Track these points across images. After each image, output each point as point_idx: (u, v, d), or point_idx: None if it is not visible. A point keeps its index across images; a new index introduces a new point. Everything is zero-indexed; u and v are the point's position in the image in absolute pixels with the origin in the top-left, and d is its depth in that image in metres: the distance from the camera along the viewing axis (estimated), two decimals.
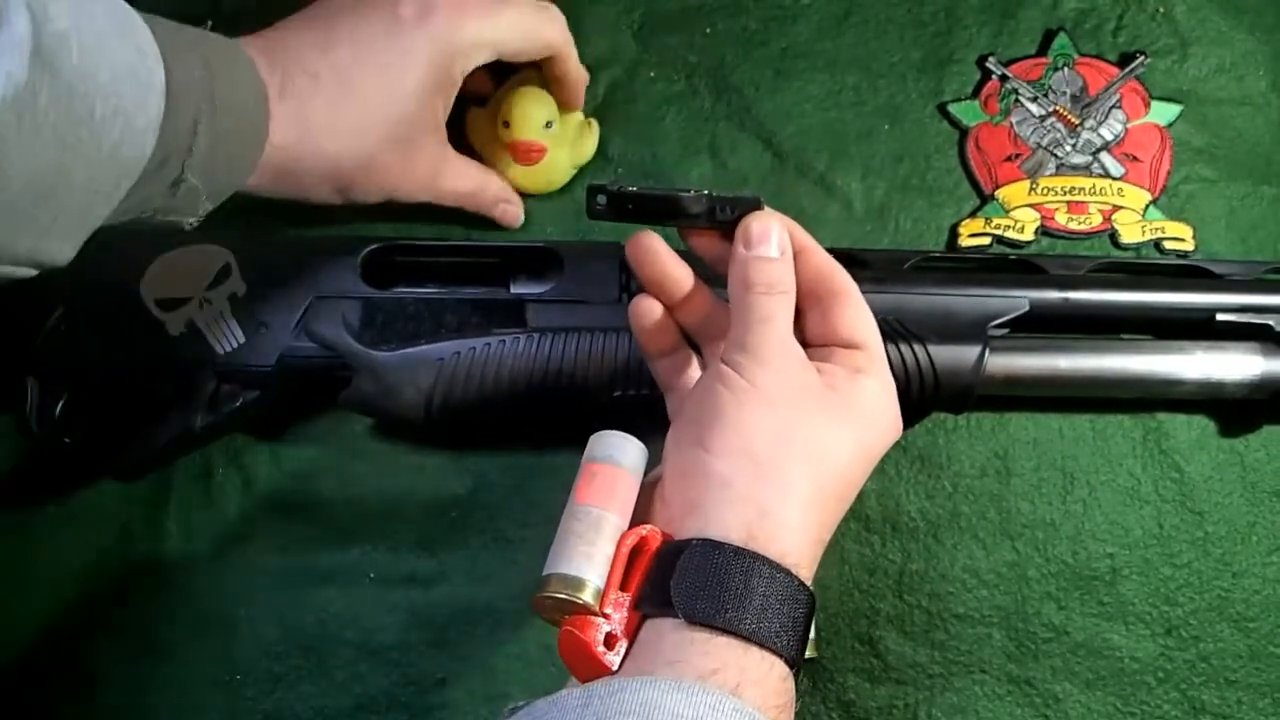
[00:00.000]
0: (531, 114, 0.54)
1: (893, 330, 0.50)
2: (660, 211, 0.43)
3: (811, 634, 0.51)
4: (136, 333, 0.48)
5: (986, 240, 0.59)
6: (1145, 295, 0.54)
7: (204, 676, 0.52)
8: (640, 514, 0.40)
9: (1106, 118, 0.61)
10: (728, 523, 0.37)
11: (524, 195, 0.58)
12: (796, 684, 0.52)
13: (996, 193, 0.60)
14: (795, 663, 0.37)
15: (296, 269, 0.50)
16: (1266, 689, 0.54)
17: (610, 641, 0.37)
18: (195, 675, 0.52)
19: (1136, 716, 0.53)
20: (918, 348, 0.50)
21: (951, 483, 0.56)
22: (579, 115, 0.57)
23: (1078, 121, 0.61)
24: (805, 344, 0.42)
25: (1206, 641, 0.54)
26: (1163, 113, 0.62)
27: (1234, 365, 0.53)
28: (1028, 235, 0.59)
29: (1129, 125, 0.61)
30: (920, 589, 0.54)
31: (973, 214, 0.60)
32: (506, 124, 0.55)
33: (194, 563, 0.53)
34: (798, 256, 0.43)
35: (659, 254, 0.44)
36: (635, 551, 0.38)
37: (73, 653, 0.52)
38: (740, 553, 0.36)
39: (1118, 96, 0.62)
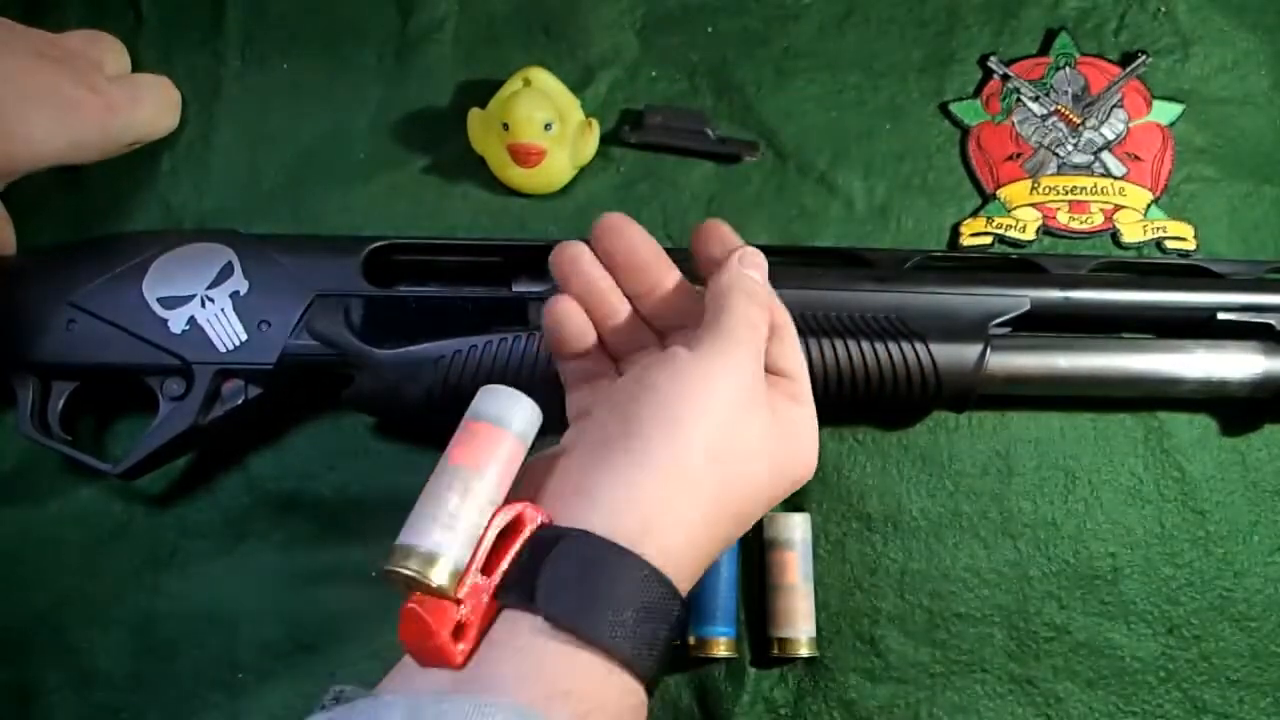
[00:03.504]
0: (531, 116, 0.54)
1: (894, 329, 0.50)
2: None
3: (812, 633, 0.51)
4: (139, 330, 0.48)
5: (988, 239, 0.59)
6: (1147, 294, 0.54)
7: (205, 676, 0.52)
8: (526, 486, 0.37)
9: (1108, 117, 0.61)
10: (620, 517, 0.34)
11: (526, 196, 0.58)
12: (793, 683, 0.52)
13: (998, 192, 0.60)
14: (652, 688, 0.34)
15: (298, 267, 0.50)
16: (1268, 688, 0.54)
17: (461, 631, 0.33)
18: (196, 674, 0.52)
19: (1138, 716, 0.53)
20: (919, 346, 0.50)
21: (953, 482, 0.56)
22: (579, 116, 0.57)
23: (1079, 121, 0.61)
24: None
25: (1208, 641, 0.54)
26: (1164, 112, 0.62)
27: (1235, 364, 0.53)
28: (1029, 234, 0.59)
29: (1130, 124, 0.61)
30: (922, 588, 0.54)
31: (974, 213, 0.60)
32: (506, 126, 0.54)
33: (194, 562, 0.53)
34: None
35: (633, 233, 0.42)
36: (507, 530, 0.34)
37: (73, 652, 0.52)
38: (624, 554, 0.33)
39: (1119, 96, 0.62)
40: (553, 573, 0.32)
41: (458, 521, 0.33)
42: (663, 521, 0.35)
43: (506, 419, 0.36)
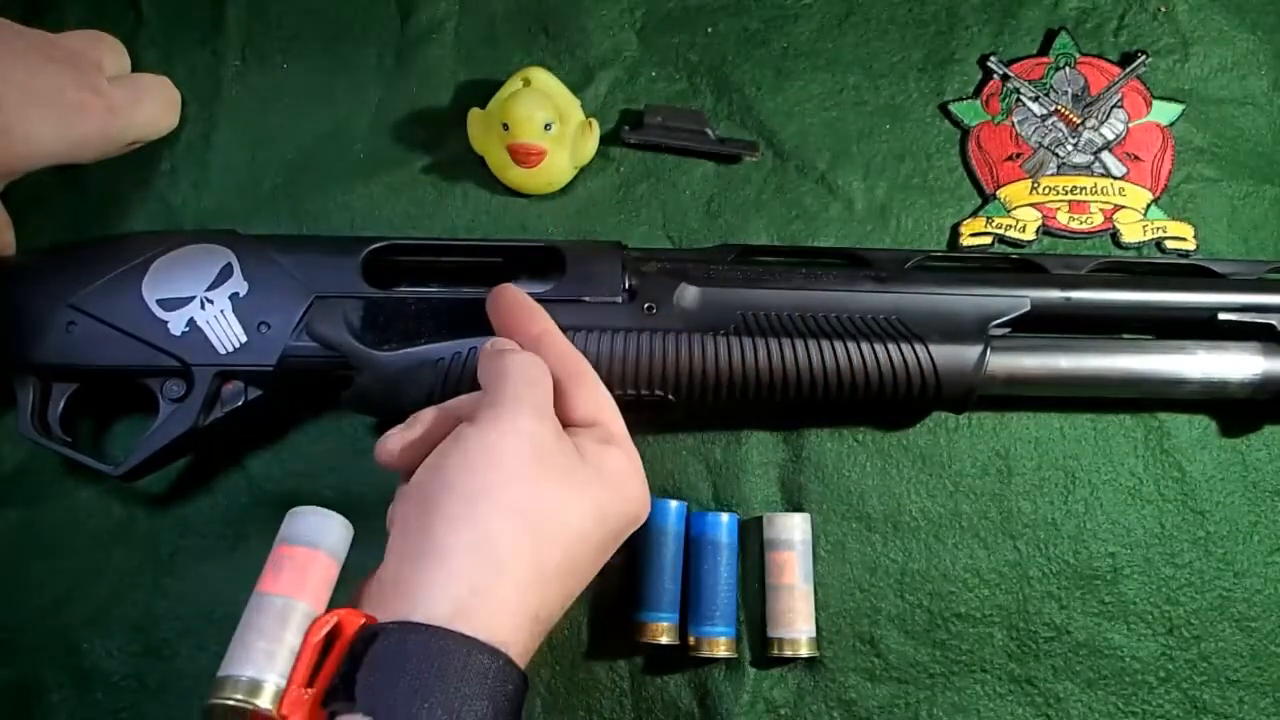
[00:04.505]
0: (531, 116, 0.54)
1: (894, 330, 0.50)
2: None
3: (812, 633, 0.51)
4: (138, 332, 0.48)
5: (988, 240, 0.59)
6: (1147, 295, 0.54)
7: (205, 676, 0.51)
8: (353, 598, 0.38)
9: (1108, 117, 0.61)
10: (434, 600, 0.35)
11: (526, 196, 0.58)
12: (793, 683, 0.53)
13: (998, 192, 0.60)
14: None
15: (298, 269, 0.49)
16: (1268, 688, 0.54)
17: None
18: (196, 674, 0.52)
19: (1138, 716, 0.53)
20: (919, 347, 0.50)
21: (953, 482, 0.56)
22: (579, 116, 0.57)
23: (1079, 121, 0.61)
24: None
25: (1208, 641, 0.54)
26: (1164, 112, 0.62)
27: (1236, 365, 0.53)
28: (1029, 235, 0.59)
29: (1130, 125, 0.61)
30: (921, 588, 0.54)
31: (974, 213, 0.60)
32: (506, 126, 0.54)
33: (194, 562, 0.53)
34: (541, 340, 0.44)
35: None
36: (330, 640, 0.35)
37: (72, 652, 0.52)
38: (440, 634, 0.33)
39: (1119, 96, 0.62)
40: (371, 670, 0.33)
41: (277, 645, 0.34)
42: (479, 601, 0.35)
43: (317, 539, 0.37)
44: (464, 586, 0.35)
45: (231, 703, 0.33)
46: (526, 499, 0.37)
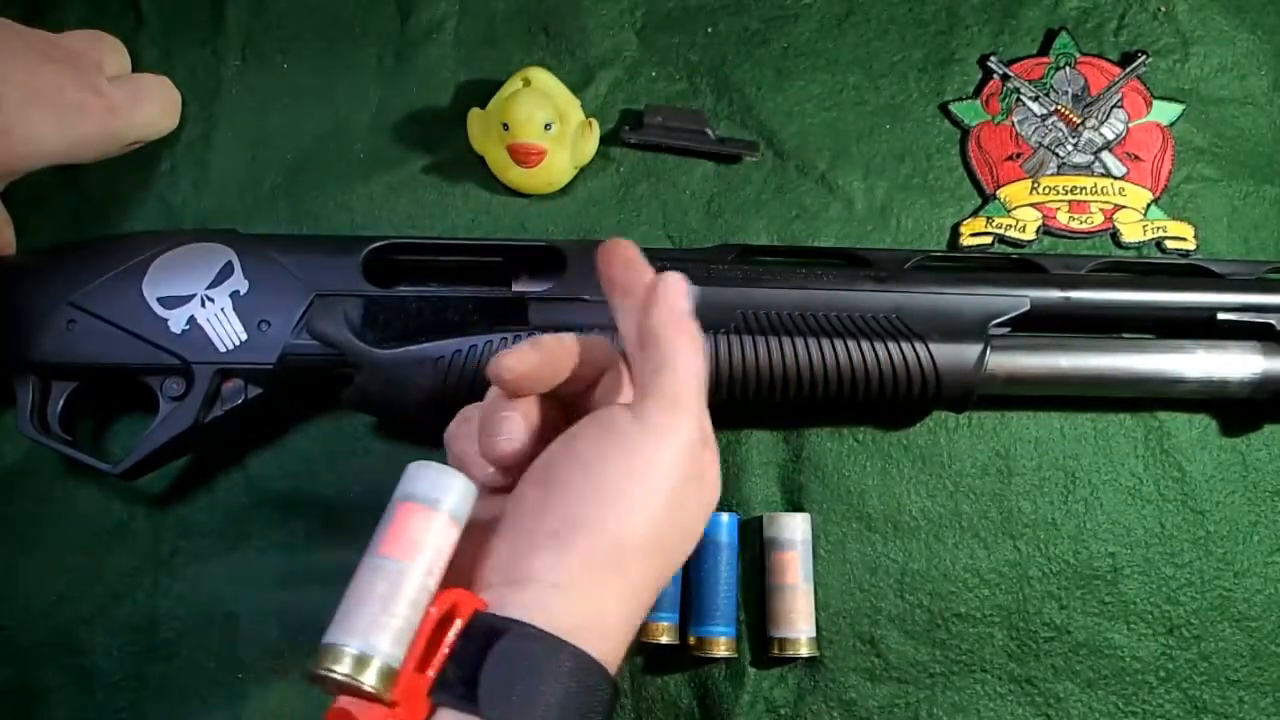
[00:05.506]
0: (531, 116, 0.54)
1: (894, 329, 0.50)
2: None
3: (812, 633, 0.51)
4: (138, 330, 0.48)
5: (988, 239, 0.59)
6: (1147, 294, 0.54)
7: (205, 676, 0.51)
8: (453, 564, 0.34)
9: (1108, 117, 0.61)
10: (558, 609, 0.32)
11: (526, 196, 0.58)
12: (793, 683, 0.53)
13: (998, 192, 0.60)
14: None
15: (298, 267, 0.50)
16: (1268, 688, 0.54)
17: None
18: (196, 675, 0.52)
19: (1138, 716, 0.53)
20: (919, 346, 0.50)
21: (953, 482, 0.56)
22: (579, 115, 0.57)
23: (1079, 121, 0.61)
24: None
25: (1208, 641, 0.54)
26: (1164, 112, 0.62)
27: (1235, 364, 0.53)
28: (1029, 234, 0.59)
29: (1130, 124, 0.61)
30: (922, 588, 0.54)
31: (974, 213, 0.60)
32: (506, 126, 0.54)
33: (195, 562, 0.53)
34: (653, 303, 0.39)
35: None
36: (441, 620, 0.32)
37: (72, 652, 0.52)
38: (565, 649, 0.32)
39: (1119, 96, 0.62)
40: (495, 671, 0.31)
41: (389, 618, 0.31)
42: (601, 617, 0.34)
43: (438, 499, 0.33)
44: (589, 606, 0.33)
45: (340, 677, 0.30)
46: (666, 520, 0.35)
